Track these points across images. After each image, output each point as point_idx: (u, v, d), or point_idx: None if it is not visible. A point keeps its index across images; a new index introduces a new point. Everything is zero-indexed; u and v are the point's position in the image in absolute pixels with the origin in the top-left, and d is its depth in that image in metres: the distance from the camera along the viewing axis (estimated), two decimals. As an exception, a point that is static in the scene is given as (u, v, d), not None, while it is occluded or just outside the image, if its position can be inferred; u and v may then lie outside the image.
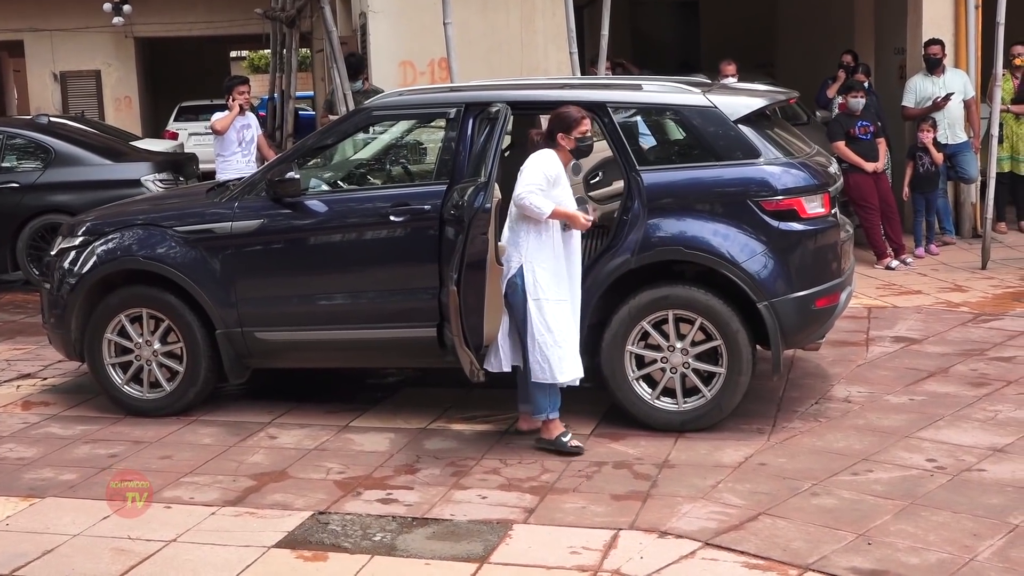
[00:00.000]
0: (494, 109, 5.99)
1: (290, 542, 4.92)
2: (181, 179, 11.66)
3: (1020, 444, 5.76)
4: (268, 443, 6.23)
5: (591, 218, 5.91)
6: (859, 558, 4.55)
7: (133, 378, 6.75)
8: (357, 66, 10.90)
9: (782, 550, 4.65)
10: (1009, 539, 4.67)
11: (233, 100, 10.24)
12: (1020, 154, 11.75)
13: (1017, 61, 11.46)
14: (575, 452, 5.85)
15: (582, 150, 5.91)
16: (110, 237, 6.82)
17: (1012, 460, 5.55)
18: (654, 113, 6.58)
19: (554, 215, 5.71)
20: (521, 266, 5.80)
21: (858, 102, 10.57)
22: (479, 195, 5.58)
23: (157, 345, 6.67)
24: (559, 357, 5.76)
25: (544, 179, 5.72)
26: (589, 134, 5.86)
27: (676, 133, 6.62)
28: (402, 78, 11.70)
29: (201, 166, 13.19)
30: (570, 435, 5.93)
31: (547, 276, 5.79)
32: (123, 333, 6.71)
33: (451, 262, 5.62)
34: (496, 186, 5.67)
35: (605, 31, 10.00)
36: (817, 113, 12.85)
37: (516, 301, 5.83)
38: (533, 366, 5.82)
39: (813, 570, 4.48)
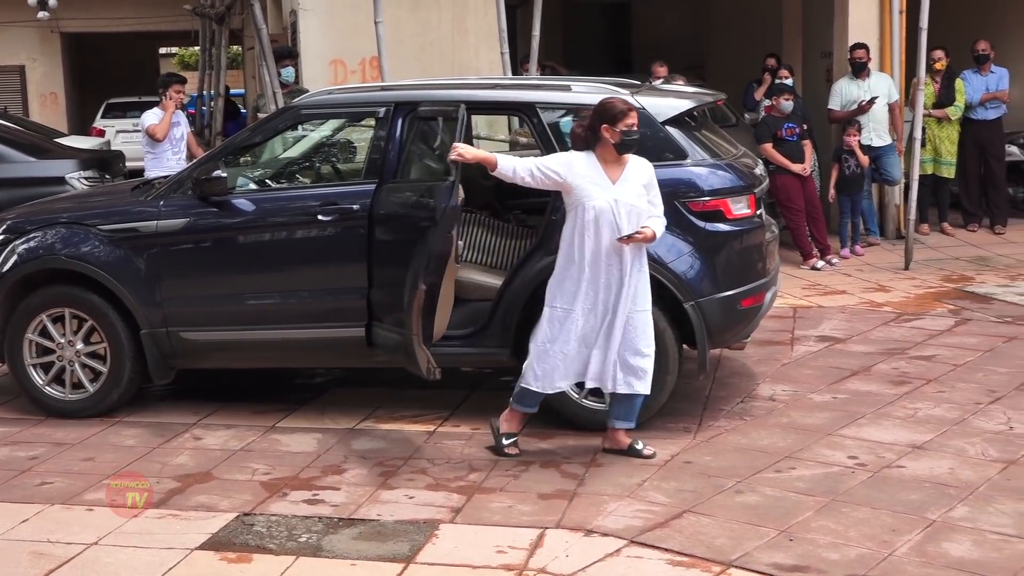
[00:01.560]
0: (450, 109, 5.91)
1: (214, 544, 4.88)
2: (107, 177, 11.48)
3: (938, 441, 5.88)
4: (193, 444, 6.17)
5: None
6: (781, 554, 4.61)
7: (55, 379, 6.64)
8: (283, 53, 10.74)
9: (706, 547, 4.70)
10: (926, 534, 4.76)
11: (169, 99, 10.11)
12: (942, 156, 11.98)
13: (938, 66, 11.67)
14: (505, 455, 5.82)
15: (627, 144, 5.53)
16: (32, 235, 6.71)
17: (930, 457, 5.66)
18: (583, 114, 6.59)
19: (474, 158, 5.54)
20: None
21: (787, 104, 10.71)
22: (449, 193, 5.52)
23: (80, 345, 6.58)
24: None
25: (558, 164, 5.58)
26: (635, 127, 5.54)
27: (604, 134, 6.63)
28: (333, 77, 11.64)
29: (128, 164, 13.01)
30: (515, 440, 5.87)
31: (554, 284, 5.69)
32: (45, 333, 6.60)
33: (420, 261, 5.53)
34: (460, 186, 5.61)
35: (536, 31, 10.03)
36: (746, 115, 13.00)
37: None
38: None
39: (736, 566, 4.53)
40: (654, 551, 4.69)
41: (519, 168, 5.53)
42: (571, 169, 5.54)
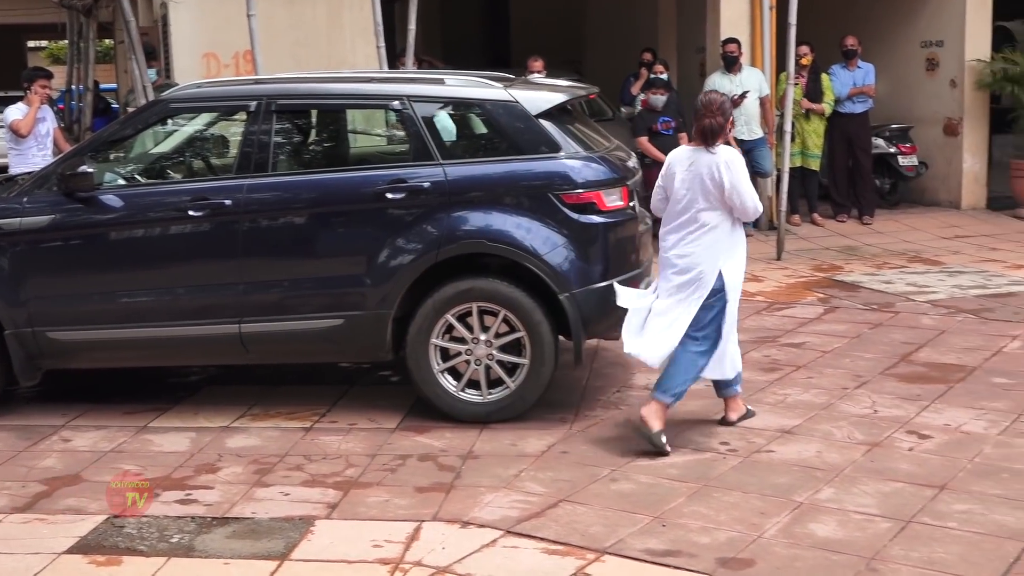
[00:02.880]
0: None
1: (82, 547, 4.77)
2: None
3: (806, 426, 6.03)
4: (61, 447, 6.02)
5: None
6: (654, 540, 4.69)
7: (-86, 382, 6.42)
8: (145, 54, 10.53)
9: (580, 535, 4.75)
10: (794, 516, 4.88)
11: (34, 93, 9.81)
12: (809, 150, 12.27)
13: (803, 61, 11.94)
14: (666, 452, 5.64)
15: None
16: None
17: (799, 441, 5.80)
18: (457, 107, 6.60)
19: None
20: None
21: (658, 99, 10.86)
22: None
23: (-59, 347, 6.37)
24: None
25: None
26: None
27: (479, 127, 6.66)
28: (205, 70, 11.45)
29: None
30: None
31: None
32: (-97, 335, 6.38)
33: None
34: None
35: (412, 26, 10.00)
36: (622, 109, 13.15)
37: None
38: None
39: (610, 553, 4.59)
40: (530, 540, 4.73)
41: None
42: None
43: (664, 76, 11.80)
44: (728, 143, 6.44)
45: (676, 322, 5.73)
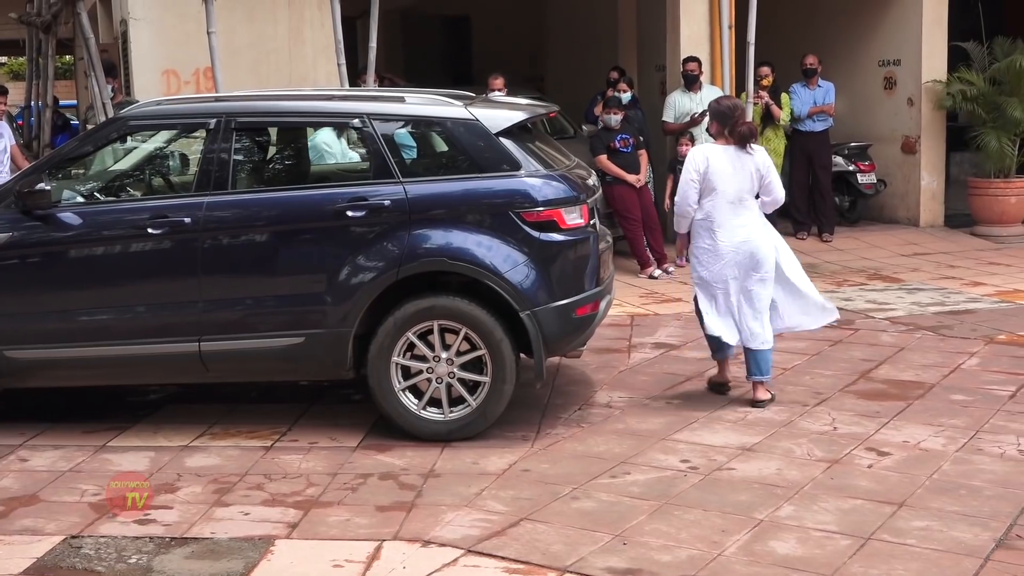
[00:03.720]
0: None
1: (39, 568, 4.71)
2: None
3: (767, 443, 6.06)
4: (18, 466, 5.95)
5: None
6: (615, 558, 4.69)
7: None
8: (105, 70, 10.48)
9: (541, 554, 4.74)
10: (754, 534, 4.90)
11: (-10, 110, 9.74)
12: (769, 165, 12.30)
13: (764, 82, 12.04)
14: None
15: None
16: None
17: (759, 458, 5.83)
18: (417, 125, 6.62)
19: None
20: None
21: (612, 118, 10.88)
22: None
23: None
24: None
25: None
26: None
27: (440, 145, 6.67)
28: (166, 87, 11.39)
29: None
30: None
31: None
32: None
33: None
34: None
35: (373, 43, 10.02)
36: (584, 127, 13.19)
37: None
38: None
39: (571, 572, 4.58)
40: (491, 559, 4.71)
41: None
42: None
43: (629, 94, 11.84)
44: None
45: (765, 299, 6.75)
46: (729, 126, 6.69)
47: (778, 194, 6.81)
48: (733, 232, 6.65)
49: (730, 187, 6.64)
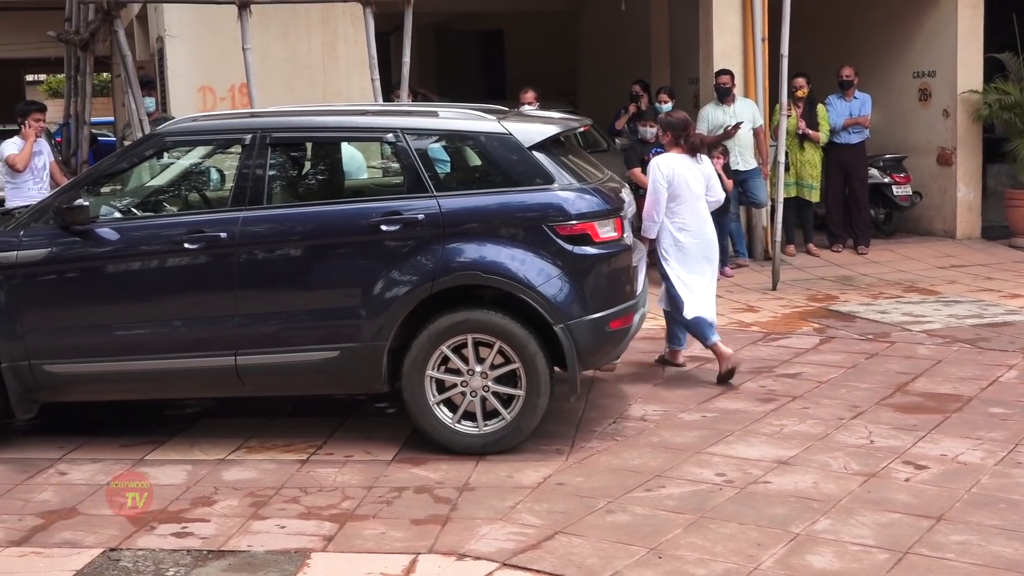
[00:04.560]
0: None
1: (78, 581, 4.76)
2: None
3: (802, 456, 6.03)
4: (58, 480, 6.01)
5: None
6: (650, 572, 4.67)
7: (-90, 416, 6.41)
8: (142, 83, 10.58)
9: (576, 567, 4.74)
10: (790, 547, 4.87)
11: (28, 127, 9.84)
12: (804, 180, 12.29)
13: (799, 93, 12.01)
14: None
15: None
16: None
17: (795, 472, 5.80)
18: (450, 140, 6.64)
19: None
20: None
21: (648, 131, 10.89)
22: None
23: (-63, 381, 6.36)
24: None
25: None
26: None
27: (473, 159, 6.70)
28: (202, 103, 11.51)
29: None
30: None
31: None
32: None
33: None
34: None
35: (406, 58, 10.06)
36: (617, 140, 13.20)
37: None
38: None
39: (606, 585, 4.58)
40: (525, 573, 4.71)
41: None
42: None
43: (668, 105, 11.75)
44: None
45: (713, 282, 7.72)
46: (683, 137, 7.54)
47: (720, 195, 7.76)
48: (698, 229, 7.51)
49: (692, 190, 7.47)
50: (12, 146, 9.82)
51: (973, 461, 5.91)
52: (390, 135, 6.42)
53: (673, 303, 7.61)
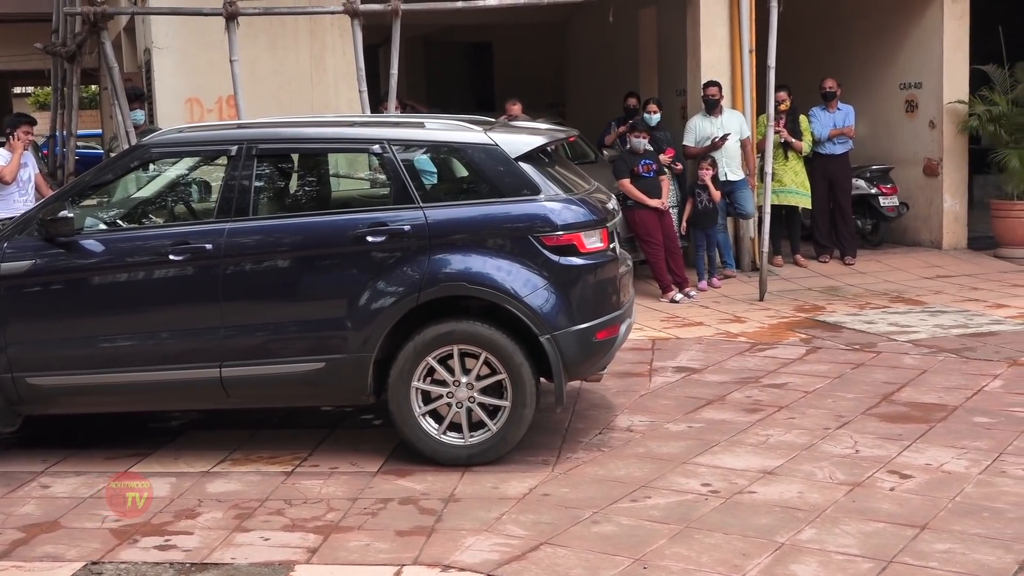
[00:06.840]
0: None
1: (60, 594, 4.74)
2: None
3: (788, 466, 6.03)
4: (40, 493, 5.98)
5: None
6: (635, 582, 4.67)
7: None
8: (131, 95, 10.59)
9: (561, 578, 4.73)
10: (775, 557, 4.87)
11: (17, 140, 9.82)
12: (785, 186, 12.18)
13: (782, 107, 12.01)
14: None
15: None
16: None
17: (780, 482, 5.80)
18: (436, 150, 6.63)
19: None
20: None
21: (639, 142, 10.91)
22: None
23: (-81, 393, 6.33)
24: None
25: None
26: None
27: (459, 170, 6.69)
28: (189, 115, 11.49)
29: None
30: None
31: None
32: None
33: None
34: None
35: (394, 70, 10.08)
36: (604, 151, 13.21)
37: None
38: None
39: (591, 596, 4.57)
40: (510, 584, 4.71)
41: None
42: None
43: (657, 116, 11.74)
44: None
45: None
46: None
47: None
48: None
49: None
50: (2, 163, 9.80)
51: (958, 470, 5.92)
52: (376, 146, 6.42)
53: None
